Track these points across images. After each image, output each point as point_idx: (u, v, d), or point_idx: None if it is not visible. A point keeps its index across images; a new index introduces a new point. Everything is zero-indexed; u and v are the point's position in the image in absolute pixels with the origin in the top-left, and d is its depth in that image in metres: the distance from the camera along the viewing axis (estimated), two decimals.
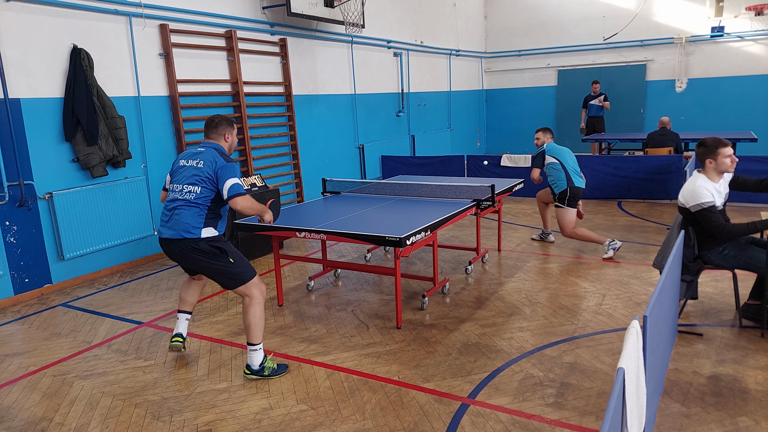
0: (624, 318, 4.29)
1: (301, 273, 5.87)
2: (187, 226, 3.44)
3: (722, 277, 5.01)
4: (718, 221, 3.78)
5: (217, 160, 3.47)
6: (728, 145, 3.89)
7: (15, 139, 5.18)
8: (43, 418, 3.26)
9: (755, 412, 2.97)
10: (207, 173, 3.44)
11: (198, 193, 3.45)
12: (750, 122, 12.53)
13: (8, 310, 5.11)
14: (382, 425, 3.01)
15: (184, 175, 3.51)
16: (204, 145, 3.63)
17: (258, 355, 3.59)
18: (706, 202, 3.79)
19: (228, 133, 3.69)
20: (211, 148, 3.58)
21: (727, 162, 3.88)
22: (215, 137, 3.66)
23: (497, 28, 15.27)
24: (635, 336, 1.98)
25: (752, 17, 11.97)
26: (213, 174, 3.44)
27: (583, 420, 2.97)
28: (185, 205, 3.46)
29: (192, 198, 3.45)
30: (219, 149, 3.60)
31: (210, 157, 3.49)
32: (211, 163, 3.47)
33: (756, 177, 4.31)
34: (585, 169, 9.00)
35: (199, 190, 3.45)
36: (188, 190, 3.47)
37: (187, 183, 3.48)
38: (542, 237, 6.70)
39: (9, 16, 5.12)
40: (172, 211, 3.49)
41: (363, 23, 9.06)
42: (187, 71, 6.79)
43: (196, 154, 3.55)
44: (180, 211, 3.46)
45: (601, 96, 12.30)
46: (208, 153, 3.53)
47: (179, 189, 3.50)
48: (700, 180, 3.90)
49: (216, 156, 3.50)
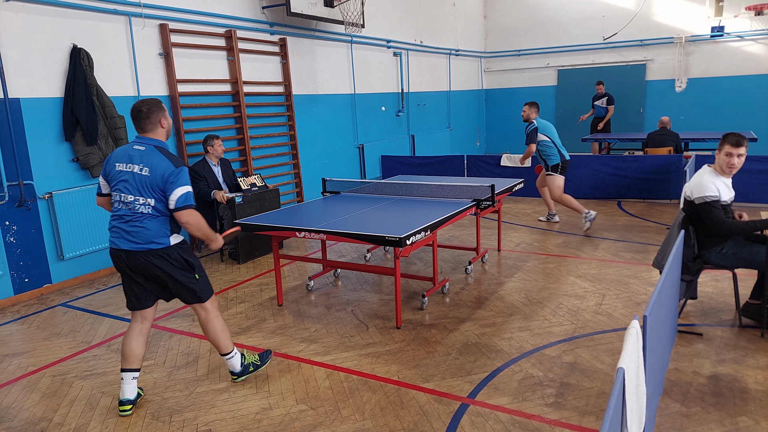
0: (624, 318, 4.29)
1: (301, 273, 5.87)
2: (153, 236, 3.12)
3: (722, 277, 5.01)
4: (718, 216, 3.77)
5: (165, 167, 3.07)
6: (736, 144, 3.77)
7: (15, 139, 5.18)
8: (42, 418, 3.26)
9: (755, 411, 2.97)
10: (157, 183, 3.07)
11: (153, 206, 3.11)
12: (750, 122, 12.53)
13: (8, 310, 5.11)
14: (381, 425, 3.01)
15: (131, 184, 3.09)
16: (141, 142, 3.18)
17: (235, 359, 3.51)
18: (709, 195, 3.77)
19: (162, 118, 3.21)
20: (151, 146, 3.15)
21: (724, 160, 3.83)
22: (151, 128, 3.18)
23: (497, 27, 15.27)
24: (635, 336, 1.98)
25: (752, 17, 11.98)
26: (163, 183, 3.07)
27: (583, 420, 2.97)
28: (146, 217, 3.11)
29: (150, 211, 3.11)
30: (160, 146, 3.17)
31: (156, 163, 3.08)
32: (159, 170, 3.07)
33: (756, 177, 4.30)
34: (585, 168, 9.04)
35: (154, 202, 3.11)
36: (142, 202, 3.10)
37: (139, 195, 3.09)
38: (548, 218, 7.52)
39: (9, 16, 5.12)
40: (130, 225, 3.12)
41: (363, 23, 9.06)
42: (186, 71, 6.79)
43: (136, 157, 3.11)
44: (143, 223, 3.11)
45: (604, 98, 12.28)
46: (152, 156, 3.10)
47: (130, 201, 3.10)
48: (707, 174, 3.88)
49: (161, 160, 3.09)
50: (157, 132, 3.21)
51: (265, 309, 4.86)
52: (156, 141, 3.20)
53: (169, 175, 3.07)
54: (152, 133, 3.20)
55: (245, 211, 6.18)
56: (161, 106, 3.23)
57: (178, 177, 3.09)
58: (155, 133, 3.20)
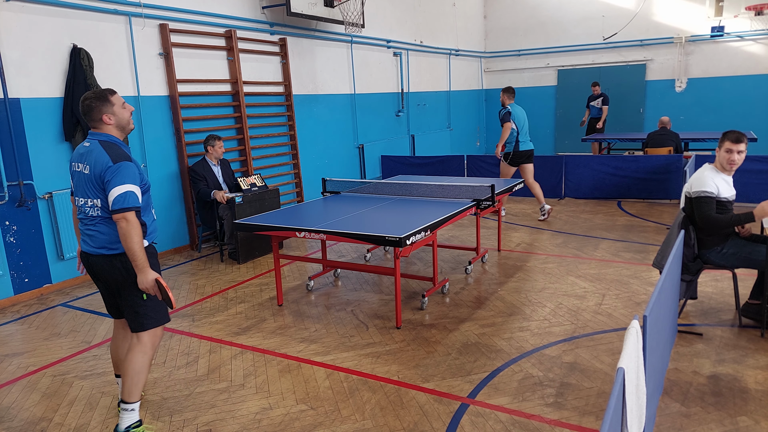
0: (624, 318, 4.29)
1: (301, 273, 5.87)
2: (106, 242, 2.83)
3: (722, 277, 5.01)
4: (707, 211, 3.81)
5: (103, 162, 2.74)
6: (735, 141, 3.82)
7: (15, 139, 5.18)
8: (42, 418, 3.26)
9: (755, 411, 2.97)
10: (97, 182, 2.77)
11: (100, 207, 2.81)
12: (750, 122, 12.53)
13: (8, 310, 5.11)
14: (381, 425, 3.01)
15: (78, 184, 2.87)
16: (90, 137, 2.89)
17: (131, 416, 2.91)
18: (705, 191, 3.82)
19: (106, 113, 2.85)
20: (96, 141, 2.83)
21: (724, 156, 3.88)
22: (96, 125, 2.87)
23: (497, 27, 15.27)
24: (635, 336, 1.98)
25: (752, 17, 11.97)
26: (101, 182, 2.75)
27: (582, 420, 2.97)
28: (96, 220, 2.84)
29: (99, 213, 2.82)
30: (106, 140, 2.84)
31: (96, 159, 2.77)
32: (98, 167, 2.75)
33: (756, 177, 4.32)
34: (585, 168, 9.04)
35: (99, 202, 2.81)
36: (90, 204, 2.83)
37: (84, 196, 2.85)
38: (542, 212, 7.69)
39: (9, 16, 5.12)
40: (87, 228, 2.89)
41: (363, 23, 9.06)
42: (186, 71, 6.79)
43: (83, 155, 2.84)
44: (96, 227, 2.85)
45: (599, 99, 12.30)
46: (95, 152, 2.79)
47: (82, 203, 2.87)
48: (707, 170, 3.93)
49: (101, 155, 2.76)
50: (103, 129, 2.88)
51: (265, 309, 4.86)
52: (102, 135, 2.86)
53: (104, 171, 2.73)
54: (99, 128, 2.88)
55: (245, 211, 6.19)
56: (106, 98, 2.84)
57: (116, 174, 2.71)
58: (102, 129, 2.88)
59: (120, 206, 2.69)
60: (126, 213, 2.69)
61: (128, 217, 2.69)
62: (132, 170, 2.78)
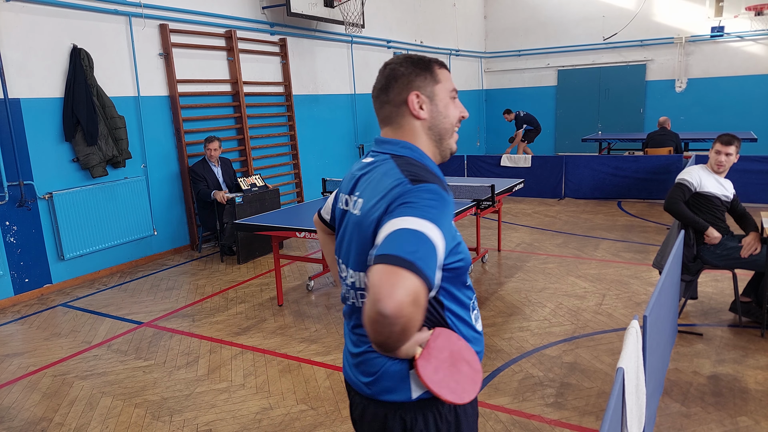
0: (624, 318, 4.29)
1: (301, 273, 5.87)
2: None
3: (722, 277, 5.01)
4: (675, 196, 3.94)
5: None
6: (725, 143, 3.92)
7: (15, 139, 5.18)
8: (43, 418, 3.26)
9: (755, 411, 2.97)
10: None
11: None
12: (750, 122, 12.52)
13: (8, 310, 5.11)
14: None
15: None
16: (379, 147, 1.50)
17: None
18: (686, 179, 3.98)
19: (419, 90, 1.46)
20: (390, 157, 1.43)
21: (713, 157, 3.99)
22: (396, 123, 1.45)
23: (497, 28, 15.27)
24: (635, 336, 1.98)
25: (752, 17, 11.97)
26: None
27: (583, 420, 2.97)
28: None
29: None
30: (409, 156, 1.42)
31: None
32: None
33: (756, 177, 4.36)
34: (585, 169, 9.04)
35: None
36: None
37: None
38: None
39: (9, 16, 5.12)
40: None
41: (363, 23, 9.06)
42: (187, 71, 6.79)
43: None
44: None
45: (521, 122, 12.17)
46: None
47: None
48: (698, 167, 4.06)
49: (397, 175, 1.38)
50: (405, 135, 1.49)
51: (265, 309, 4.86)
52: (402, 145, 1.48)
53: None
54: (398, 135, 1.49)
55: (245, 211, 6.19)
56: (429, 68, 1.54)
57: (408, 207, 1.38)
58: (403, 135, 1.47)
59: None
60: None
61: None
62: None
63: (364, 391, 1.39)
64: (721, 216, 4.00)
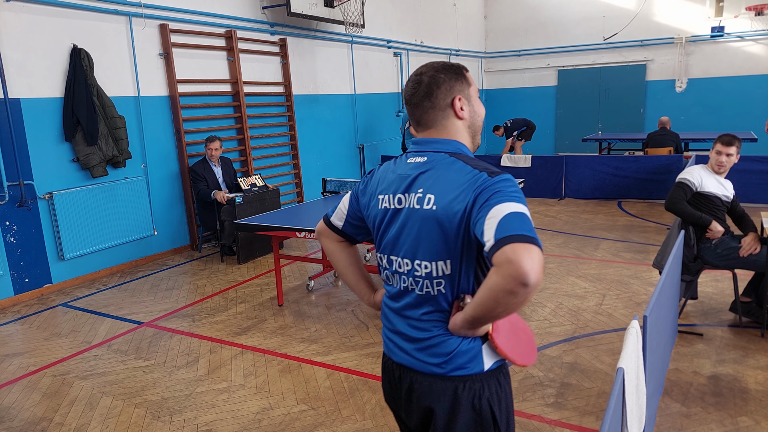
0: (624, 318, 4.29)
1: (301, 273, 5.87)
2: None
3: (722, 277, 5.01)
4: (677, 194, 3.94)
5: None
6: (726, 144, 3.92)
7: (15, 139, 5.18)
8: (43, 418, 3.26)
9: (755, 411, 2.97)
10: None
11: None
12: (750, 122, 12.51)
13: (8, 310, 5.11)
14: (382, 425, 3.01)
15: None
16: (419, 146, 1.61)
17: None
18: (687, 178, 3.98)
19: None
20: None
21: (714, 157, 3.99)
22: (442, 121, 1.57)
23: (497, 28, 15.26)
24: (635, 336, 1.98)
25: (752, 17, 11.96)
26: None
27: (583, 420, 2.97)
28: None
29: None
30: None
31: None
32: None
33: (756, 177, 4.36)
34: (585, 169, 9.04)
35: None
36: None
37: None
38: None
39: (9, 16, 5.12)
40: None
41: (363, 23, 9.06)
42: (187, 71, 6.79)
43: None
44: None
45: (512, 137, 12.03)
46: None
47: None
48: (699, 166, 4.06)
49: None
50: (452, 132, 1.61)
51: (265, 309, 4.86)
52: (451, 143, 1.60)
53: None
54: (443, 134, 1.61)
55: (245, 211, 6.19)
56: (461, 73, 1.58)
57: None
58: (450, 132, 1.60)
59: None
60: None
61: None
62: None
63: (432, 371, 1.52)
64: (721, 216, 4.01)
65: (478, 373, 1.50)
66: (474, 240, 1.41)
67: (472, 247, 1.44)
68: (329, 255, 1.82)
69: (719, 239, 3.95)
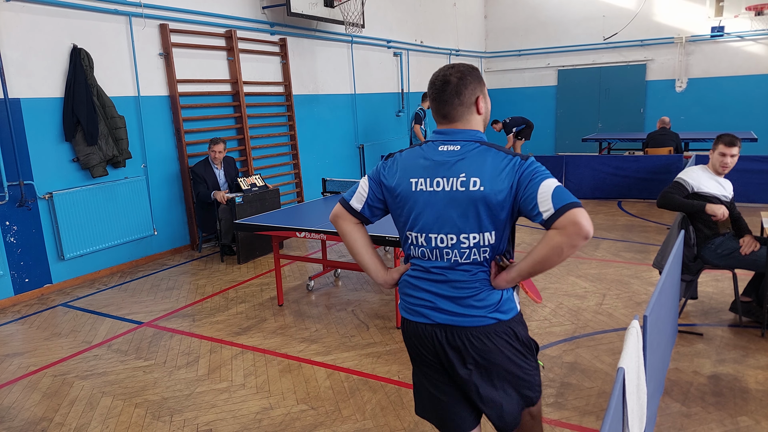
0: (624, 318, 4.29)
1: (301, 273, 5.87)
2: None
3: (722, 277, 5.01)
4: (670, 190, 3.92)
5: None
6: (729, 144, 3.88)
7: (15, 139, 5.18)
8: (43, 418, 3.26)
9: (755, 411, 2.97)
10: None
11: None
12: (750, 122, 12.52)
13: (8, 310, 5.11)
14: (382, 425, 3.00)
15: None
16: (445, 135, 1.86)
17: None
18: (683, 178, 3.96)
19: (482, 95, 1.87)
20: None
21: (717, 159, 3.94)
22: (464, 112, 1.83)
23: (497, 28, 15.26)
24: (635, 336, 1.97)
25: (752, 17, 11.96)
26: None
27: (583, 420, 2.96)
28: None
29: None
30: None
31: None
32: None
33: (757, 177, 4.35)
34: (585, 168, 9.04)
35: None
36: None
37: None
38: None
39: (9, 16, 5.12)
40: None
41: (363, 23, 9.06)
42: (187, 71, 6.79)
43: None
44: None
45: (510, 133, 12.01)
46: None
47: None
48: (698, 167, 4.03)
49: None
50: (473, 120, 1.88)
51: (265, 309, 4.86)
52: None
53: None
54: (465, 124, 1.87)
55: (245, 211, 6.19)
56: (478, 74, 1.85)
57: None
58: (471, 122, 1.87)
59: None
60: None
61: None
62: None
63: (476, 323, 1.80)
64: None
65: (517, 314, 1.86)
66: (515, 213, 1.76)
67: (511, 219, 1.77)
68: (346, 235, 2.00)
69: (720, 239, 3.94)
